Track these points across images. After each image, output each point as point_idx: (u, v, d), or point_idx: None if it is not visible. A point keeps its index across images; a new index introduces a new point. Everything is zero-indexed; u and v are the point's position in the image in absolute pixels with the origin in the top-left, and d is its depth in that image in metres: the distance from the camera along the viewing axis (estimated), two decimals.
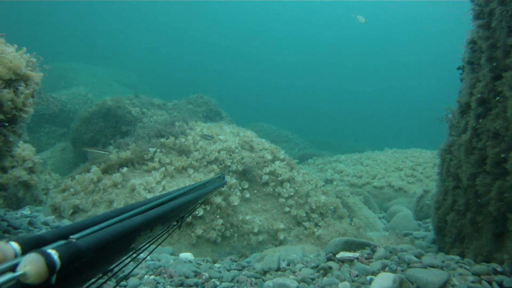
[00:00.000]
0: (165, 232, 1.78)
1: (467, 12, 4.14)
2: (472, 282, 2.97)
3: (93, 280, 1.10)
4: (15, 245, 0.84)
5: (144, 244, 1.48)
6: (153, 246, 1.74)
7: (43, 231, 4.59)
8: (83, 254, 0.92)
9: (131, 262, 1.52)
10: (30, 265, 0.76)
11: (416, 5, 55.31)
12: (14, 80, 3.66)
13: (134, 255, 1.48)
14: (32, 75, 3.85)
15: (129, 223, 1.21)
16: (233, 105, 34.17)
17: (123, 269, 3.12)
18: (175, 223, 1.89)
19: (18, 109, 3.63)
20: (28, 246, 0.86)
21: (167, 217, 1.55)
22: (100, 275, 1.21)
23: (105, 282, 1.28)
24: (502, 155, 3.23)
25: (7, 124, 3.48)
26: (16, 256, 0.82)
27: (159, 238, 1.72)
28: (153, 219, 1.38)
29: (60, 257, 0.82)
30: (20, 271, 0.74)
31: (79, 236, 0.98)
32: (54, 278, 0.81)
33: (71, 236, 0.97)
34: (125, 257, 1.36)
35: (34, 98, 3.93)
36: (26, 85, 3.76)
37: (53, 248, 0.83)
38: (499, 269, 3.07)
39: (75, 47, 46.10)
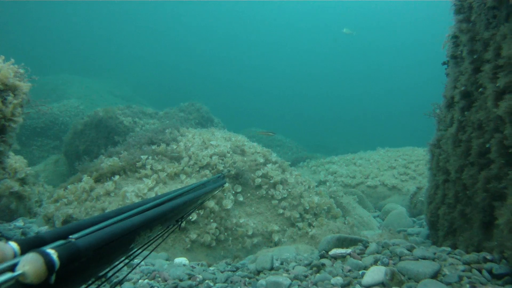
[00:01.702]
0: (165, 232, 1.79)
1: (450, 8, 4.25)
2: (463, 271, 3.00)
3: (91, 281, 1.11)
4: (14, 245, 0.84)
5: (144, 244, 1.49)
6: (150, 248, 1.73)
7: None
8: (82, 253, 0.92)
9: (127, 264, 1.53)
10: (29, 264, 0.76)
11: (404, 5, 55.99)
12: (2, 90, 3.67)
13: (134, 254, 1.49)
14: (20, 85, 3.87)
15: (128, 223, 1.21)
16: (226, 111, 34.24)
17: (120, 271, 3.12)
18: (175, 223, 1.90)
19: (7, 119, 3.64)
20: (27, 246, 0.86)
21: (167, 217, 1.56)
22: (98, 277, 1.20)
23: (103, 283, 1.28)
24: (487, 146, 3.28)
25: None
26: (15, 256, 0.82)
27: (159, 238, 1.73)
28: (152, 219, 1.39)
29: (59, 256, 0.82)
30: (19, 270, 0.74)
31: (78, 236, 0.98)
32: (53, 278, 0.81)
33: (70, 236, 0.97)
34: (125, 257, 1.36)
35: (23, 108, 3.94)
36: (14, 95, 3.78)
37: (52, 248, 0.83)
38: (488, 257, 3.10)
39: (66, 59, 46.08)
